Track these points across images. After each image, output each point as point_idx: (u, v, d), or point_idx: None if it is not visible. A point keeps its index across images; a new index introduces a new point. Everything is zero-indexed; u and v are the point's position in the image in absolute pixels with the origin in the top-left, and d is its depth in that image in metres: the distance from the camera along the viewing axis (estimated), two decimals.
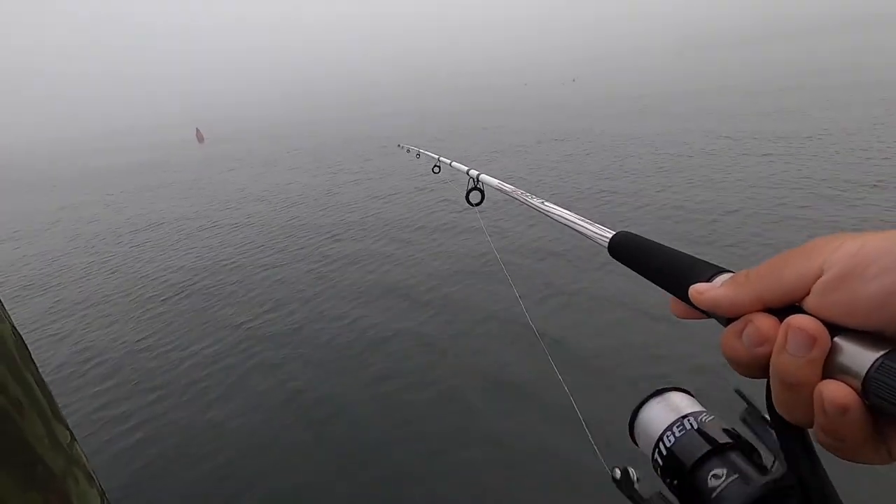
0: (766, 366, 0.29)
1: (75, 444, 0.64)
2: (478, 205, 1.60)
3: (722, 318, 0.33)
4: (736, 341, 0.30)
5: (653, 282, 0.43)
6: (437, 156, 2.46)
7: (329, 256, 6.55)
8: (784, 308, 0.29)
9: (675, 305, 0.39)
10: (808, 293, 0.27)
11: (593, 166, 9.86)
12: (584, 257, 4.98)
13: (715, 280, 0.34)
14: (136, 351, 4.62)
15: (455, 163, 2.03)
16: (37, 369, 0.61)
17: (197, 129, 44.45)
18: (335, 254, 6.63)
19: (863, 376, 0.24)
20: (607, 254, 0.54)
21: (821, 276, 0.27)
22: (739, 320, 0.31)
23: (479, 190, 1.58)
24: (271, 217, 9.39)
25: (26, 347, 0.61)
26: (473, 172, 1.60)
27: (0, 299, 0.61)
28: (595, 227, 0.63)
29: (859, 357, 0.24)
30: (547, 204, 0.89)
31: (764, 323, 0.29)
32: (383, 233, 7.27)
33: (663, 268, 0.41)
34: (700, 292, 0.34)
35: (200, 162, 23.27)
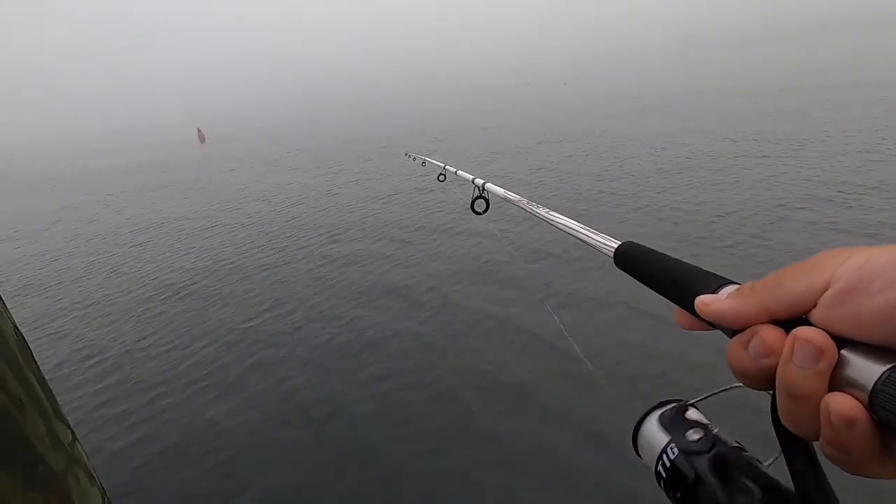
0: (772, 377, 0.29)
1: (76, 442, 0.64)
2: (482, 213, 1.60)
3: (728, 329, 0.33)
4: (742, 353, 0.30)
5: (658, 292, 0.43)
6: (442, 164, 2.46)
7: (328, 257, 6.55)
8: (790, 320, 0.29)
9: (681, 316, 0.38)
10: (815, 306, 0.28)
11: (593, 167, 9.86)
12: (588, 266, 4.93)
13: (720, 292, 0.34)
14: (136, 350, 4.62)
15: (460, 171, 2.03)
16: (38, 368, 0.61)
17: (198, 130, 44.41)
18: (335, 254, 6.62)
19: (870, 389, 0.24)
20: (612, 263, 0.54)
21: (827, 288, 0.27)
22: (745, 332, 0.31)
23: (483, 199, 1.58)
24: (271, 217, 9.39)
25: (28, 346, 0.61)
26: (479, 181, 1.59)
27: (2, 298, 0.61)
28: (600, 237, 0.62)
29: (866, 370, 0.24)
30: (552, 213, 0.89)
31: (770, 334, 0.29)
32: (383, 233, 7.27)
33: (668, 279, 0.41)
34: (706, 304, 0.34)
35: (201, 162, 23.27)
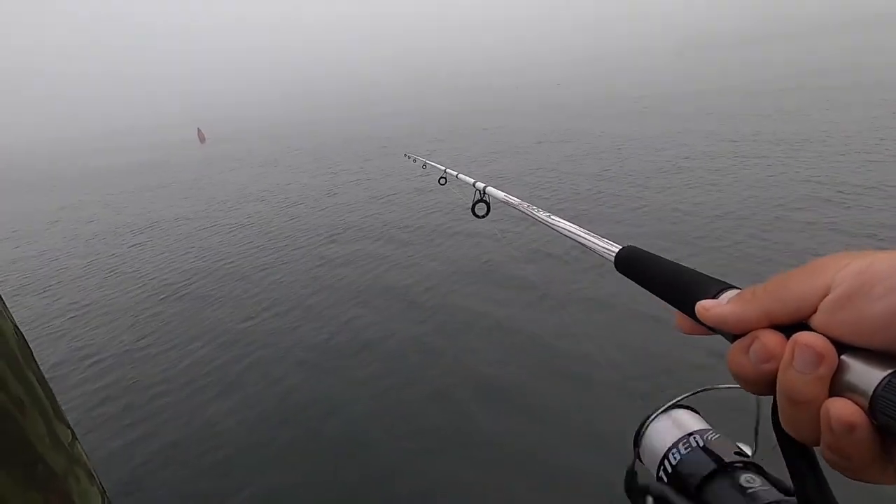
0: (773, 382, 0.29)
1: (76, 442, 0.64)
2: (483, 217, 1.60)
3: (728, 334, 0.33)
4: (742, 357, 0.30)
5: (659, 297, 0.43)
6: (443, 167, 2.45)
7: (327, 257, 6.55)
8: (791, 325, 0.29)
9: (682, 321, 0.38)
10: (815, 311, 0.28)
11: (593, 168, 9.86)
12: (589, 270, 4.90)
13: (721, 296, 0.34)
14: (135, 350, 4.62)
15: (462, 175, 2.03)
16: (38, 368, 0.61)
17: (198, 130, 44.41)
18: (333, 254, 6.62)
19: (870, 394, 0.24)
20: (613, 267, 0.54)
21: (828, 294, 0.27)
22: (746, 337, 0.31)
23: (484, 202, 1.58)
24: (270, 217, 9.39)
25: (28, 346, 0.61)
26: (480, 185, 1.59)
27: (1, 297, 0.60)
28: (601, 242, 0.62)
29: (866, 375, 0.24)
30: (553, 217, 0.89)
31: (771, 339, 0.29)
32: (382, 234, 7.26)
33: (669, 283, 0.41)
34: (706, 309, 0.34)
35: (200, 162, 23.27)
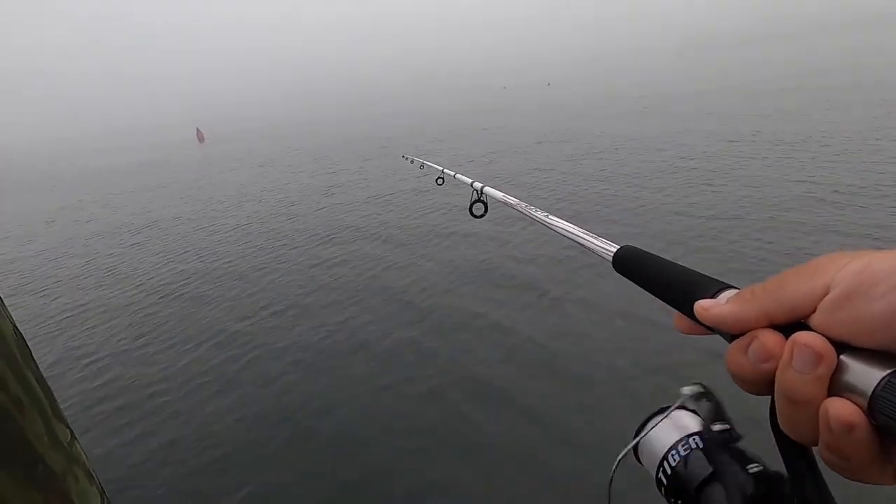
0: (771, 382, 0.29)
1: (75, 442, 0.64)
2: (481, 217, 1.60)
3: (727, 334, 0.33)
4: (741, 357, 0.30)
5: (657, 297, 0.42)
6: (441, 167, 2.44)
7: (325, 258, 6.55)
8: (789, 325, 0.29)
9: (680, 321, 0.38)
10: (814, 311, 0.27)
11: (592, 168, 9.86)
12: (587, 270, 4.90)
13: (720, 296, 0.34)
14: (133, 349, 4.62)
15: (459, 175, 2.02)
16: (37, 367, 0.61)
17: (197, 129, 44.46)
18: (331, 255, 6.62)
19: (869, 394, 0.24)
20: (611, 267, 0.54)
21: (827, 293, 0.27)
22: (745, 336, 0.30)
23: (482, 202, 1.57)
24: (269, 218, 9.38)
25: (27, 345, 0.61)
26: (477, 185, 1.59)
27: (0, 297, 0.60)
28: (599, 242, 0.62)
29: (865, 375, 0.24)
30: (551, 217, 0.88)
31: (769, 339, 0.29)
32: (379, 235, 7.26)
33: (668, 283, 0.41)
34: (705, 308, 0.33)
35: (200, 162, 23.27)
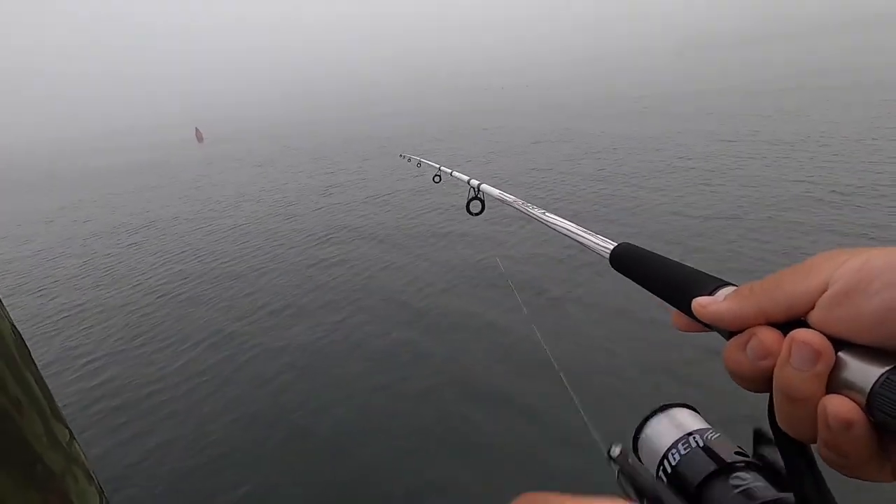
0: (770, 380, 0.29)
1: (74, 442, 0.64)
2: (478, 214, 1.60)
3: (725, 331, 0.33)
4: (739, 354, 0.30)
5: (655, 294, 0.42)
6: (437, 165, 2.43)
7: (322, 258, 6.55)
8: (788, 322, 0.29)
9: (678, 318, 0.38)
10: (813, 308, 0.28)
11: (591, 168, 9.86)
12: (584, 268, 4.91)
13: (718, 293, 0.34)
14: (130, 349, 4.64)
15: (456, 172, 2.01)
16: (36, 368, 0.61)
17: (196, 129, 44.42)
18: (328, 255, 6.62)
19: (867, 392, 0.24)
20: (608, 265, 0.54)
21: (825, 290, 0.27)
22: (743, 333, 0.30)
23: (479, 199, 1.57)
24: (267, 218, 9.38)
25: (26, 346, 0.61)
26: (474, 182, 1.58)
27: None
28: (596, 239, 0.62)
29: (864, 372, 0.24)
30: (548, 214, 0.88)
31: (768, 336, 0.29)
32: (376, 234, 7.26)
33: (665, 280, 0.41)
34: (703, 305, 0.33)
35: (200, 162, 23.26)
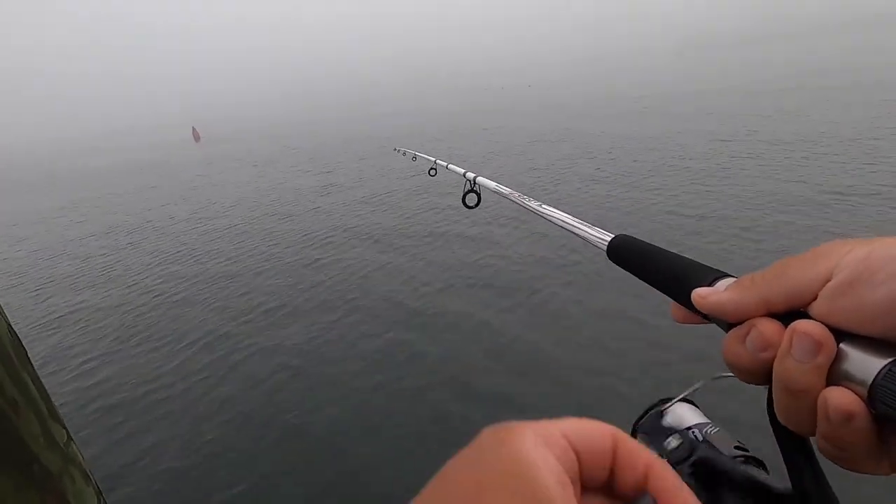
0: (769, 372, 0.28)
1: (72, 442, 0.64)
2: (474, 207, 1.59)
3: (724, 322, 0.32)
4: (739, 346, 0.30)
5: (653, 286, 0.42)
6: (433, 158, 2.42)
7: (318, 258, 6.55)
8: (788, 313, 0.28)
9: (676, 310, 0.38)
10: (815, 298, 0.27)
11: (590, 168, 9.86)
12: (581, 261, 4.93)
13: (717, 284, 0.34)
14: (126, 349, 4.65)
15: (452, 165, 1.99)
16: (33, 368, 0.61)
17: (193, 128, 44.34)
18: (324, 255, 6.62)
19: (869, 383, 0.23)
20: (606, 257, 0.53)
21: (829, 280, 0.26)
22: (742, 325, 0.30)
23: (475, 192, 1.56)
24: (264, 218, 9.39)
25: (22, 346, 0.61)
26: (470, 175, 1.57)
27: None
28: (594, 231, 0.62)
29: (865, 364, 0.24)
30: (545, 207, 0.88)
31: (768, 327, 0.28)
32: (372, 234, 7.26)
33: (664, 272, 0.40)
34: (703, 296, 0.33)
35: (199, 162, 23.26)
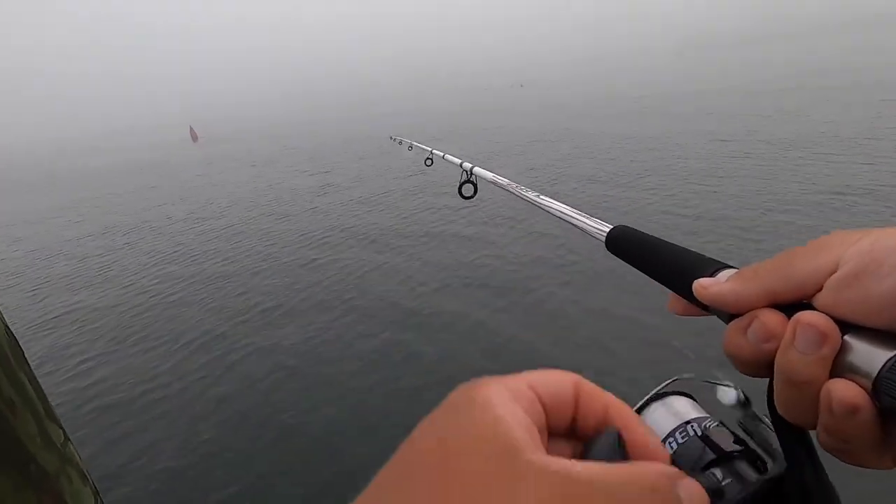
0: (771, 364, 0.28)
1: (69, 443, 0.64)
2: (470, 198, 1.57)
3: (725, 314, 0.32)
4: (740, 338, 0.29)
5: (652, 277, 0.41)
6: (429, 148, 2.40)
7: (315, 258, 6.53)
8: (791, 305, 0.28)
9: (675, 302, 0.37)
10: (819, 290, 0.27)
11: (589, 168, 9.85)
12: (578, 260, 4.93)
13: (719, 275, 0.33)
14: (122, 349, 4.65)
15: (448, 155, 1.98)
16: (30, 368, 0.61)
17: (190, 128, 44.18)
18: (320, 255, 6.61)
19: (874, 376, 0.23)
20: (604, 249, 0.53)
21: (834, 272, 0.26)
22: (744, 316, 0.29)
23: (472, 183, 1.55)
24: (261, 218, 9.37)
25: (19, 346, 0.61)
26: (467, 165, 1.56)
27: None
28: (592, 222, 0.61)
29: (871, 356, 0.23)
30: (542, 197, 0.87)
31: (771, 318, 0.28)
32: (368, 234, 7.25)
33: (664, 263, 0.39)
34: (705, 287, 0.32)
35: (199, 162, 23.26)
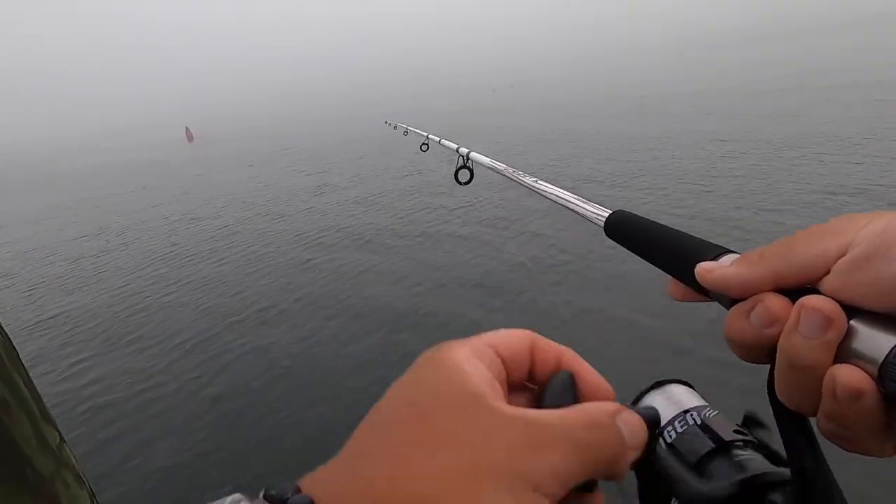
0: (772, 349, 0.27)
1: (64, 445, 0.63)
2: (466, 183, 1.55)
3: (727, 299, 0.31)
4: (742, 322, 0.29)
5: (652, 263, 0.41)
6: (425, 133, 2.36)
7: (311, 258, 6.58)
8: (796, 290, 0.27)
9: (674, 287, 0.37)
10: (826, 274, 0.26)
11: (589, 168, 9.87)
12: (573, 260, 4.92)
13: (721, 260, 0.33)
14: (118, 349, 4.67)
15: (444, 140, 1.93)
16: (25, 369, 0.60)
17: (186, 128, 43.79)
18: (317, 255, 6.65)
19: (880, 361, 0.23)
20: (603, 234, 0.52)
21: (843, 254, 0.25)
22: (747, 301, 0.29)
23: (468, 168, 1.52)
24: (257, 218, 9.43)
25: (14, 346, 0.60)
26: (463, 150, 1.53)
27: None
28: (591, 206, 0.61)
29: (877, 341, 0.23)
30: (540, 182, 0.86)
31: (775, 302, 0.27)
32: (366, 235, 7.26)
33: (665, 248, 0.39)
34: (708, 271, 0.32)
35: (199, 162, 23.27)
